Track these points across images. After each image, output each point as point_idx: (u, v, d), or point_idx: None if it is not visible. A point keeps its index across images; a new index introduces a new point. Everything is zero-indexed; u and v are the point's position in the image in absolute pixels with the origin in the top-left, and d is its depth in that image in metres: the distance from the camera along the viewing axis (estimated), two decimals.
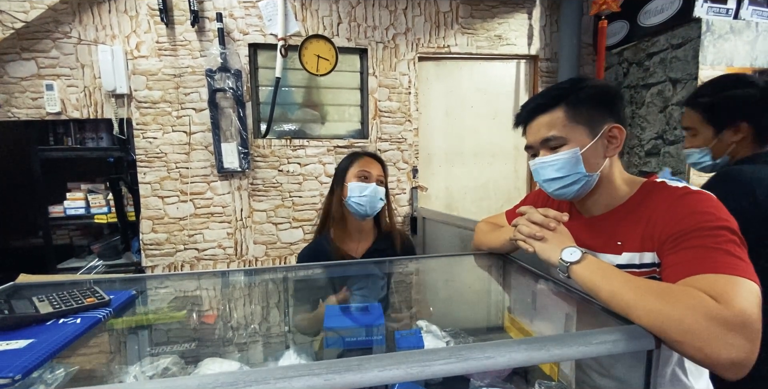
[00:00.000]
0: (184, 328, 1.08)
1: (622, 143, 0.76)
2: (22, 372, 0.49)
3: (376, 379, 0.53)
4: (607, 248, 0.79)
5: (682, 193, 0.71)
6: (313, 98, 2.19)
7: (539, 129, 0.77)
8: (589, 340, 0.60)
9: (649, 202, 0.74)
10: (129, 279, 0.99)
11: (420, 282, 1.22)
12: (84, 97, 1.91)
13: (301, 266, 1.16)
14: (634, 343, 0.61)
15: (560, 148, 0.75)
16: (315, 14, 2.06)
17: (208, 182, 2.05)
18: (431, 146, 2.37)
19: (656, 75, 2.05)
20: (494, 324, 1.15)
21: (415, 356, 0.55)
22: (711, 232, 0.62)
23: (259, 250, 2.14)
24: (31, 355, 0.52)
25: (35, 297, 0.69)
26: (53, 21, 1.82)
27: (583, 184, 0.75)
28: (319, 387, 0.51)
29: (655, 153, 2.08)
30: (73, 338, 0.59)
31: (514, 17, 2.30)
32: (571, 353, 0.60)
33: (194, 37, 1.95)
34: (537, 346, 0.58)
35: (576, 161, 0.74)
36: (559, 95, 0.76)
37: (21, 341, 0.56)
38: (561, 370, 0.91)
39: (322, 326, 0.83)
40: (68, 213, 2.09)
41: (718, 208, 0.66)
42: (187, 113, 1.99)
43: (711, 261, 0.58)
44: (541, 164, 0.77)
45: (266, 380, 0.50)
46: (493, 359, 0.56)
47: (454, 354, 0.55)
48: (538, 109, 0.78)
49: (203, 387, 0.49)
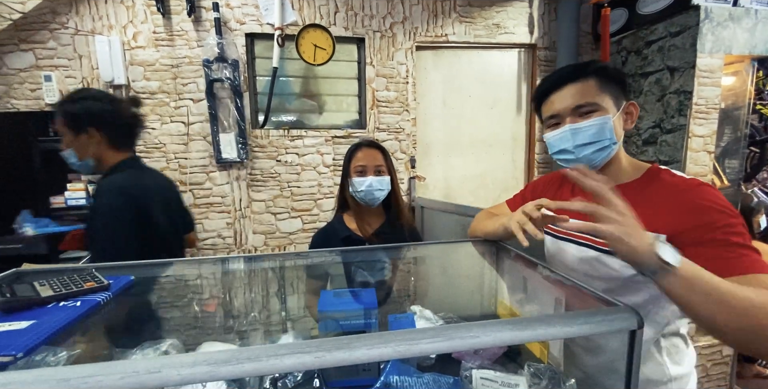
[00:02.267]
0: (185, 314, 1.11)
1: (636, 119, 0.82)
2: (24, 350, 0.51)
3: (364, 357, 0.55)
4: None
5: (694, 183, 0.75)
6: (311, 88, 2.19)
7: (569, 97, 0.79)
8: (573, 320, 0.62)
9: (659, 187, 0.77)
10: (127, 266, 1.01)
11: (416, 268, 1.25)
12: (82, 87, 1.91)
13: (299, 254, 1.19)
14: (617, 323, 0.63)
15: (592, 114, 0.77)
16: (312, 3, 2.05)
17: (207, 173, 2.07)
18: (429, 136, 2.38)
19: (654, 63, 2.04)
20: (488, 309, 1.18)
21: (402, 335, 0.57)
22: (735, 229, 0.67)
23: (259, 240, 2.17)
24: (32, 335, 0.55)
25: (36, 282, 0.72)
26: (50, 12, 1.82)
27: (609, 151, 0.79)
28: (309, 363, 0.54)
29: (652, 142, 2.08)
30: (73, 320, 0.61)
31: (512, 6, 2.28)
32: (555, 332, 0.62)
33: (191, 27, 1.94)
34: (522, 326, 0.60)
35: (609, 127, 0.77)
36: (587, 68, 0.79)
37: (23, 322, 0.59)
38: (550, 353, 0.94)
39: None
40: (69, 204, 2.11)
41: (724, 200, 0.71)
42: (185, 104, 2.00)
43: (754, 262, 0.64)
44: (574, 129, 0.79)
45: (259, 357, 0.53)
46: (479, 338, 0.58)
47: (441, 334, 0.57)
48: (569, 77, 0.80)
49: (198, 363, 0.51)
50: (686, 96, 1.86)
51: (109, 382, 0.49)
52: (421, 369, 0.88)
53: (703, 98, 1.84)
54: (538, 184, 1.11)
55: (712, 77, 1.84)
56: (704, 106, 1.84)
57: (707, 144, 1.88)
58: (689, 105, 1.85)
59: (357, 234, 1.27)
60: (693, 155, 1.88)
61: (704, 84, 1.83)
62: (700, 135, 1.87)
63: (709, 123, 1.87)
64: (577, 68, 0.81)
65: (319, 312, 0.80)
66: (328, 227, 1.34)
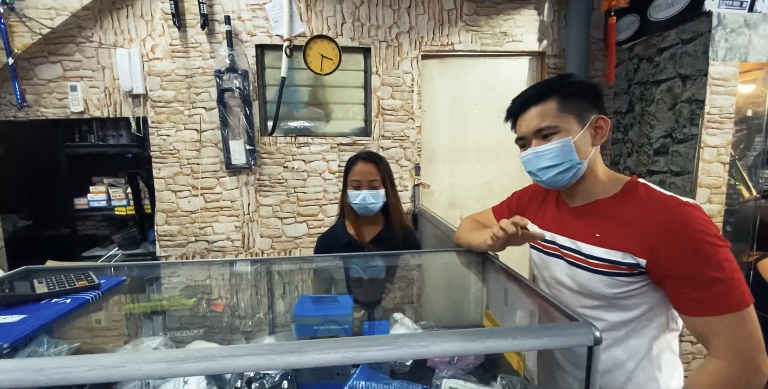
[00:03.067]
0: (181, 314, 1.17)
1: (607, 133, 0.82)
2: (10, 341, 0.56)
3: (314, 361, 0.58)
4: (585, 238, 0.82)
5: (675, 203, 0.72)
6: (318, 96, 2.25)
7: (532, 120, 0.80)
8: (526, 334, 0.62)
9: (636, 203, 0.76)
10: (126, 267, 1.07)
11: (404, 276, 1.27)
12: (104, 97, 2.05)
13: (293, 259, 1.22)
14: (573, 339, 0.63)
15: (552, 137, 0.79)
16: (320, 15, 2.12)
17: (218, 178, 2.16)
18: (435, 143, 2.39)
19: (666, 71, 1.98)
20: (473, 319, 1.18)
21: (352, 342, 0.59)
22: (716, 258, 0.66)
23: (266, 243, 2.23)
24: (21, 328, 0.60)
25: (36, 280, 0.78)
26: (76, 26, 1.96)
27: (575, 171, 0.80)
28: (261, 365, 0.57)
29: (663, 152, 2.02)
30: (60, 315, 0.67)
31: (520, 13, 2.28)
32: (506, 345, 0.63)
33: (204, 40, 2.04)
34: (472, 338, 0.61)
35: (569, 149, 0.77)
36: (550, 88, 0.80)
37: (16, 316, 0.64)
38: (526, 366, 0.94)
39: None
40: (91, 205, 2.25)
41: (711, 224, 0.70)
42: (198, 112, 2.10)
43: (726, 298, 0.65)
44: (536, 153, 0.80)
45: (214, 357, 0.56)
46: (428, 348, 0.60)
47: (391, 342, 0.59)
48: (530, 100, 0.82)
49: (158, 361, 0.55)
50: (698, 105, 1.81)
51: (79, 373, 0.54)
52: (396, 376, 0.90)
53: (717, 107, 1.78)
54: (524, 194, 1.11)
55: (726, 86, 1.77)
56: (717, 115, 1.78)
57: (721, 155, 1.81)
58: (701, 114, 1.79)
59: (356, 240, 1.32)
60: (705, 166, 1.81)
61: (717, 93, 1.77)
62: (713, 145, 1.80)
63: (723, 133, 1.80)
64: (540, 90, 0.82)
65: (294, 316, 0.84)
66: (331, 232, 1.41)
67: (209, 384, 0.85)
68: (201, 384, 0.85)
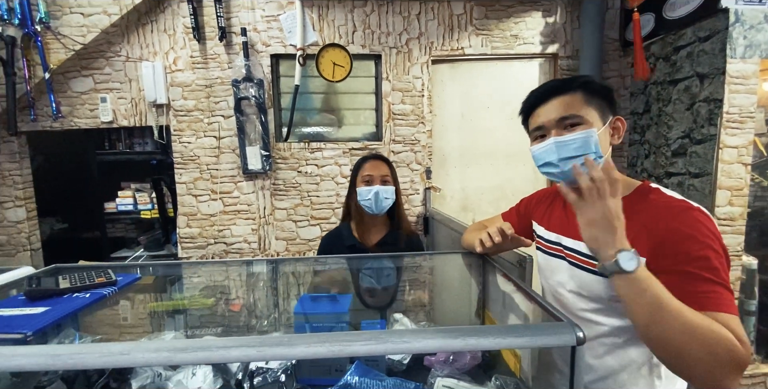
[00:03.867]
0: (195, 310, 1.23)
1: (623, 135, 0.81)
2: (33, 330, 0.63)
3: (301, 354, 0.62)
4: None
5: (683, 207, 0.72)
6: (331, 103, 2.31)
7: (555, 108, 0.79)
8: (507, 333, 0.64)
9: (647, 207, 0.76)
10: (144, 266, 1.15)
11: (406, 277, 1.29)
12: (131, 107, 2.18)
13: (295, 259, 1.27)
14: (555, 338, 0.64)
15: (577, 127, 0.77)
16: (331, 24, 2.18)
17: (235, 182, 2.25)
18: (446, 147, 2.41)
19: (683, 70, 1.93)
20: (474, 321, 1.19)
21: (338, 336, 0.63)
22: (713, 263, 0.66)
23: (281, 245, 2.30)
24: (43, 319, 0.67)
25: (60, 276, 0.86)
26: (106, 42, 2.10)
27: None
28: (252, 356, 0.61)
29: (681, 153, 1.96)
30: (79, 308, 0.74)
31: (531, 16, 2.27)
32: (487, 344, 0.64)
33: (222, 51, 2.14)
34: (453, 335, 0.63)
35: (594, 141, 0.76)
36: (575, 81, 0.80)
37: (40, 308, 0.71)
38: (522, 367, 0.94)
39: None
40: (120, 209, 2.39)
41: (714, 229, 0.69)
42: (217, 120, 2.20)
43: (724, 301, 0.64)
44: (558, 142, 0.77)
45: (210, 348, 0.61)
46: (409, 343, 0.62)
47: (374, 337, 0.62)
48: (553, 91, 0.80)
49: (160, 350, 0.61)
50: (716, 104, 1.75)
51: (91, 359, 0.60)
52: (393, 373, 0.92)
53: (736, 107, 1.72)
54: (532, 199, 1.12)
55: (747, 84, 1.71)
56: (737, 115, 1.72)
57: (742, 156, 1.74)
58: (719, 114, 1.74)
59: (360, 243, 1.34)
60: (725, 167, 1.75)
61: (736, 91, 1.71)
62: (733, 146, 1.74)
63: (744, 133, 1.74)
64: (564, 82, 0.82)
65: (294, 313, 0.88)
66: (336, 233, 1.44)
67: (215, 376, 0.91)
68: (208, 376, 0.90)
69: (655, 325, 0.61)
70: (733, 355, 0.58)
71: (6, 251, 2.20)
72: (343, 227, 1.43)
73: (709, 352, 0.59)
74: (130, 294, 0.92)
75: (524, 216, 1.07)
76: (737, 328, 0.61)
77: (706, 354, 0.59)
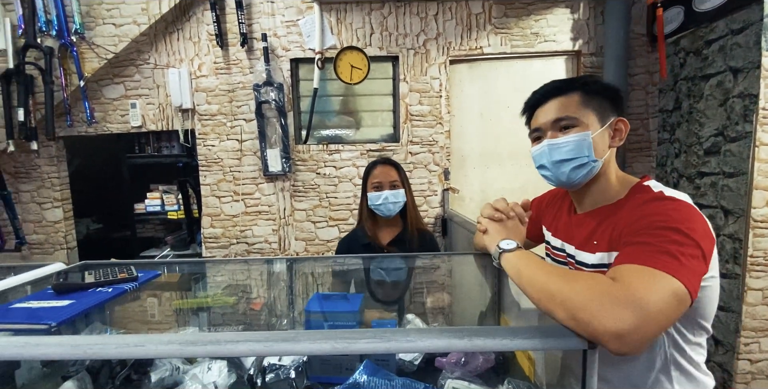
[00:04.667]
0: (218, 308, 1.27)
1: (625, 137, 0.80)
2: (57, 321, 0.67)
3: (306, 350, 0.62)
4: (585, 247, 0.80)
5: (651, 198, 0.71)
6: (349, 105, 2.33)
7: (552, 110, 0.79)
8: (515, 334, 0.62)
9: (632, 203, 0.74)
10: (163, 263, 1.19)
11: (421, 278, 1.28)
12: (159, 112, 2.27)
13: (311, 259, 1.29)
14: (565, 341, 0.62)
15: (571, 129, 0.77)
16: (349, 27, 2.21)
17: (256, 184, 2.30)
18: (465, 147, 2.38)
19: (715, 64, 1.84)
20: (490, 323, 1.17)
21: (343, 334, 0.63)
22: (658, 231, 0.63)
23: (300, 246, 2.34)
24: (67, 311, 0.71)
25: (87, 272, 0.91)
26: (136, 51, 2.21)
27: (589, 169, 0.77)
28: (259, 351, 0.62)
29: (715, 152, 1.86)
30: (101, 302, 0.77)
31: (552, 13, 2.22)
32: (494, 345, 0.63)
33: (244, 57, 2.21)
34: (459, 335, 0.62)
35: (587, 145, 0.75)
36: (574, 82, 0.80)
37: (65, 301, 0.75)
38: (536, 371, 0.92)
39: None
40: (148, 210, 2.50)
41: (680, 212, 0.65)
42: (239, 124, 2.26)
43: (640, 254, 0.60)
44: (551, 145, 0.78)
45: (219, 342, 0.62)
46: (414, 343, 0.62)
47: (378, 335, 0.62)
48: (552, 92, 0.80)
49: (172, 342, 0.63)
50: (751, 100, 1.66)
51: (108, 350, 0.63)
52: (403, 374, 0.92)
53: None
54: (543, 200, 1.09)
55: None
56: None
57: None
58: (755, 110, 1.64)
59: (375, 242, 1.37)
60: (762, 166, 1.65)
61: None
62: None
63: None
64: (564, 83, 0.81)
65: (305, 311, 0.89)
66: (352, 235, 1.49)
67: (230, 371, 0.93)
68: (222, 371, 0.93)
69: (526, 288, 0.66)
70: (595, 292, 0.53)
71: (44, 249, 2.33)
72: (358, 229, 1.47)
73: (565, 299, 0.57)
74: (157, 291, 0.97)
75: (536, 219, 1.04)
76: (626, 274, 0.56)
77: (561, 304, 0.57)
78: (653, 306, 0.50)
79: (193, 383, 0.88)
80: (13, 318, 0.69)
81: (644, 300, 0.50)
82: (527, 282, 0.65)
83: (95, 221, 3.20)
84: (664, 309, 0.52)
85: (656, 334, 0.52)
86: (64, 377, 0.87)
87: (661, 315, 0.51)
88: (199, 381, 0.88)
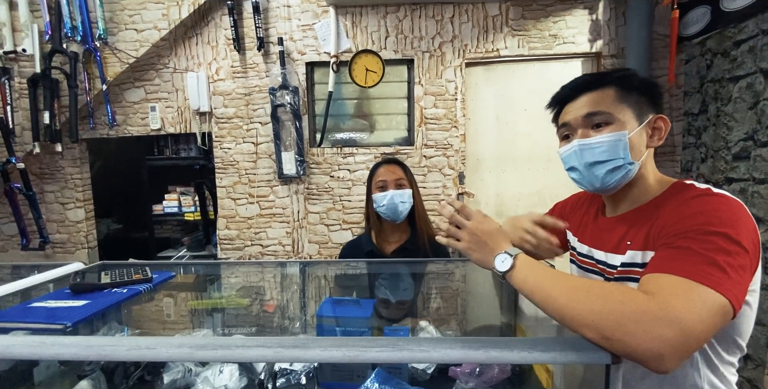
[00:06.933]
0: (231, 310, 1.27)
1: (665, 136, 0.72)
2: (72, 321, 0.67)
3: (317, 357, 0.61)
4: (617, 249, 0.74)
5: (698, 193, 0.65)
6: (363, 108, 2.33)
7: (584, 105, 0.71)
8: (534, 346, 0.60)
9: (672, 201, 0.68)
10: (177, 265, 1.20)
11: (432, 285, 1.26)
12: (177, 115, 2.31)
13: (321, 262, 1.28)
14: (586, 355, 0.59)
15: (605, 127, 0.70)
16: (364, 30, 2.21)
17: (271, 187, 2.32)
18: (480, 151, 2.35)
19: (745, 66, 1.77)
20: (506, 333, 1.13)
21: (354, 341, 0.61)
22: (705, 237, 0.57)
23: (313, 249, 2.34)
24: (83, 311, 0.71)
25: (103, 272, 0.92)
26: (156, 55, 2.26)
27: (625, 172, 0.70)
28: (269, 356, 0.61)
29: (744, 157, 1.78)
30: (115, 303, 0.78)
31: (571, 14, 2.18)
32: (512, 357, 0.60)
33: (261, 60, 2.23)
34: (475, 346, 0.60)
35: (623, 145, 0.68)
36: (609, 76, 0.73)
37: (81, 301, 0.76)
38: (554, 384, 0.88)
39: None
40: (166, 211, 2.54)
41: (730, 212, 0.59)
42: (255, 127, 2.28)
43: (682, 264, 0.55)
44: (582, 145, 0.70)
45: (230, 347, 0.61)
46: (428, 353, 0.60)
47: (391, 344, 0.61)
48: (584, 86, 0.73)
49: (183, 345, 0.62)
50: None
51: (121, 351, 0.63)
52: (416, 383, 0.90)
53: None
54: (566, 204, 1.04)
55: None
56: None
57: None
58: None
59: (378, 250, 1.32)
60: None
61: None
62: None
63: None
64: (597, 76, 0.75)
65: (316, 316, 0.88)
66: (356, 241, 1.43)
67: (241, 375, 0.92)
68: (234, 374, 0.92)
69: (545, 308, 0.61)
70: (629, 308, 0.50)
71: (66, 248, 2.39)
72: (364, 234, 1.41)
73: (594, 311, 0.53)
74: (173, 291, 0.97)
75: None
76: (666, 288, 0.51)
77: (591, 314, 0.53)
78: (698, 326, 0.48)
79: (205, 385, 0.88)
80: (31, 317, 0.70)
81: (687, 319, 0.47)
82: (543, 303, 0.61)
83: (115, 222, 3.28)
84: (707, 328, 0.49)
85: (696, 350, 0.50)
86: (80, 375, 0.88)
87: (703, 334, 0.48)
88: (211, 384, 0.88)
